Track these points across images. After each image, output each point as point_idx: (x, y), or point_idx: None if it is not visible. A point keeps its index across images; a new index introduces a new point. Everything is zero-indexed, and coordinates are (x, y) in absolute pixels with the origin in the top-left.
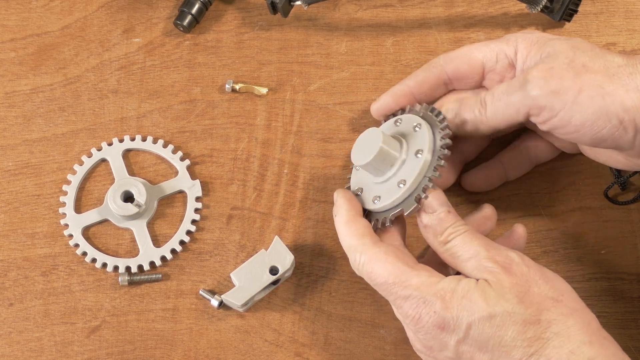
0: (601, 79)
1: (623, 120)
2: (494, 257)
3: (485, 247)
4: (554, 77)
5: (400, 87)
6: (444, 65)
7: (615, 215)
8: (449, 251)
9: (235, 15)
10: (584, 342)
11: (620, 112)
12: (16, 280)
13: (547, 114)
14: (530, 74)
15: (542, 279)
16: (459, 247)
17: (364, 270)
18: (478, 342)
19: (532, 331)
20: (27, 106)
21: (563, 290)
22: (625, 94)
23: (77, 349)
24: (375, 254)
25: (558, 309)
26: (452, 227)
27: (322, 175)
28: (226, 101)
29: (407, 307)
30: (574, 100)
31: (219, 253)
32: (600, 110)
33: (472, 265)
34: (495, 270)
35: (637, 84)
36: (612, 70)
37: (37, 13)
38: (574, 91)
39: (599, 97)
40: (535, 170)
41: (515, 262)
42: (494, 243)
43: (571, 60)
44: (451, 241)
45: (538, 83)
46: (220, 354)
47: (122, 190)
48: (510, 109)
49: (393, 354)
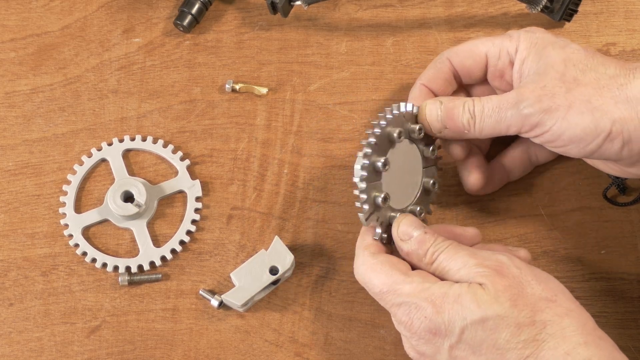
0: (590, 93)
1: (610, 133)
2: (482, 262)
3: (472, 256)
4: (547, 95)
5: (418, 88)
6: (450, 58)
7: (615, 215)
8: (438, 269)
9: (235, 15)
10: (580, 343)
11: (608, 125)
12: (16, 280)
13: (539, 130)
14: (523, 94)
15: (535, 280)
16: (445, 261)
17: (363, 280)
18: (471, 346)
19: (527, 333)
20: (27, 106)
21: (557, 290)
22: (614, 107)
23: (77, 349)
24: (372, 265)
25: (553, 309)
26: (433, 246)
27: (322, 175)
28: (226, 101)
29: (400, 313)
30: (564, 117)
31: (219, 253)
32: (589, 126)
33: (463, 274)
34: (487, 273)
35: (627, 95)
36: (603, 82)
37: (37, 13)
38: (565, 107)
39: (588, 113)
40: (535, 170)
41: (505, 264)
42: (480, 250)
43: (562, 74)
44: (437, 259)
45: (531, 102)
46: (220, 354)
47: (122, 190)
48: (501, 124)
49: (393, 354)
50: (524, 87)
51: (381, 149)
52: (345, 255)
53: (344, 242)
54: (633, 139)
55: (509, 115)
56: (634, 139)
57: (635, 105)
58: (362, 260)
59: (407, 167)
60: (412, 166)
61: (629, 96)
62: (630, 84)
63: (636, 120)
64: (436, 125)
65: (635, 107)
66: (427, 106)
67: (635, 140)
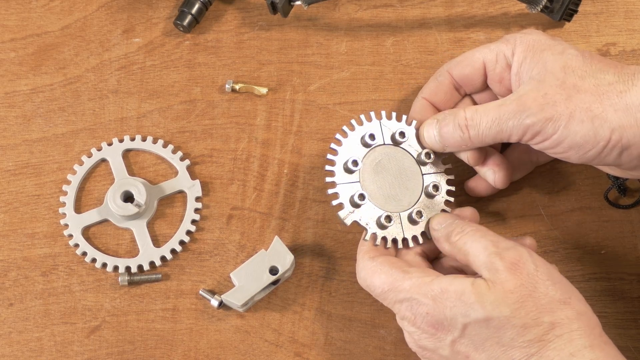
0: (590, 100)
1: (610, 141)
2: (501, 252)
3: (493, 243)
4: (548, 103)
5: (420, 103)
6: (450, 70)
7: (615, 215)
8: (461, 250)
9: (235, 15)
10: (585, 346)
11: (607, 134)
12: (16, 280)
13: (540, 138)
14: (525, 103)
15: (550, 280)
16: (469, 243)
17: (365, 284)
18: (474, 342)
19: (533, 333)
20: (27, 106)
21: (571, 292)
22: (613, 115)
23: (77, 349)
24: (372, 268)
25: (564, 311)
26: (459, 227)
27: (322, 175)
28: (226, 101)
29: (404, 309)
30: (565, 125)
31: (219, 253)
32: (589, 134)
33: (481, 260)
34: (500, 269)
35: (627, 102)
36: (603, 88)
37: (37, 13)
38: (566, 116)
39: (588, 121)
40: (535, 170)
41: (523, 259)
42: (504, 239)
43: (562, 82)
44: (459, 239)
45: (533, 112)
46: (220, 354)
47: (122, 190)
48: (502, 134)
49: (393, 354)
50: (524, 95)
51: (356, 151)
52: (345, 255)
53: (344, 242)
54: (632, 145)
55: (510, 125)
56: (633, 145)
57: (634, 112)
58: (363, 265)
59: (402, 172)
60: (409, 171)
61: (628, 104)
62: (629, 91)
63: (635, 128)
64: (436, 146)
65: (635, 115)
66: (425, 128)
67: (635, 147)
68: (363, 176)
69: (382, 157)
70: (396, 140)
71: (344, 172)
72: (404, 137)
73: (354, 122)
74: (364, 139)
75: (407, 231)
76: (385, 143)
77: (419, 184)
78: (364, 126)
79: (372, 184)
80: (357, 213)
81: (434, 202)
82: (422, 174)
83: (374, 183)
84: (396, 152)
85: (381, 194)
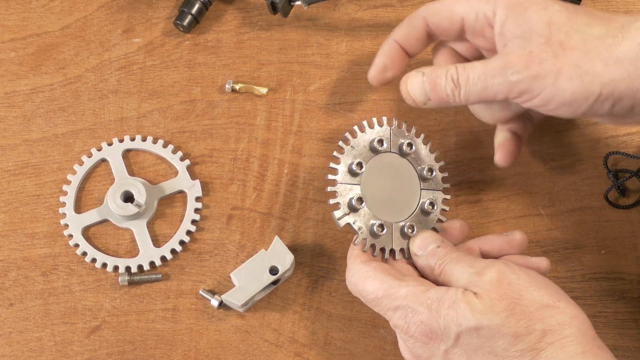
0: (578, 57)
1: (601, 95)
2: (480, 271)
3: (470, 265)
4: (534, 61)
5: (389, 44)
6: (426, 18)
7: (615, 215)
8: (445, 279)
9: (235, 15)
10: (578, 353)
11: (597, 89)
12: (16, 280)
13: (527, 96)
14: (510, 60)
15: (534, 285)
16: (450, 272)
17: (356, 290)
18: (467, 351)
19: (525, 342)
20: (27, 106)
21: (559, 295)
22: (603, 69)
23: (77, 349)
24: (365, 273)
25: (555, 317)
26: (440, 258)
27: (322, 175)
28: (226, 101)
29: (397, 317)
30: (553, 82)
31: (219, 253)
32: (578, 91)
33: (462, 283)
34: (481, 282)
35: (617, 56)
36: (590, 44)
37: (37, 13)
38: (553, 74)
39: (577, 78)
40: (536, 170)
41: (501, 271)
42: (478, 259)
43: (547, 39)
44: (443, 270)
45: (518, 69)
46: (220, 354)
47: (122, 190)
48: (487, 92)
49: (393, 354)
50: (509, 53)
51: (362, 154)
52: (345, 255)
53: (344, 242)
54: (624, 97)
55: (496, 82)
56: (625, 97)
57: (627, 65)
58: (355, 270)
59: (402, 183)
60: (409, 184)
61: (619, 57)
62: (619, 44)
63: (628, 80)
64: (420, 98)
65: (627, 68)
66: (408, 79)
67: (627, 98)
68: (365, 180)
69: (387, 165)
70: (403, 150)
71: (347, 173)
72: (411, 149)
73: (365, 124)
74: (373, 143)
75: (396, 243)
76: (392, 151)
77: (416, 199)
78: (375, 130)
79: (372, 189)
80: (352, 216)
81: (427, 219)
82: (421, 189)
83: (374, 189)
84: (400, 162)
85: (379, 201)
